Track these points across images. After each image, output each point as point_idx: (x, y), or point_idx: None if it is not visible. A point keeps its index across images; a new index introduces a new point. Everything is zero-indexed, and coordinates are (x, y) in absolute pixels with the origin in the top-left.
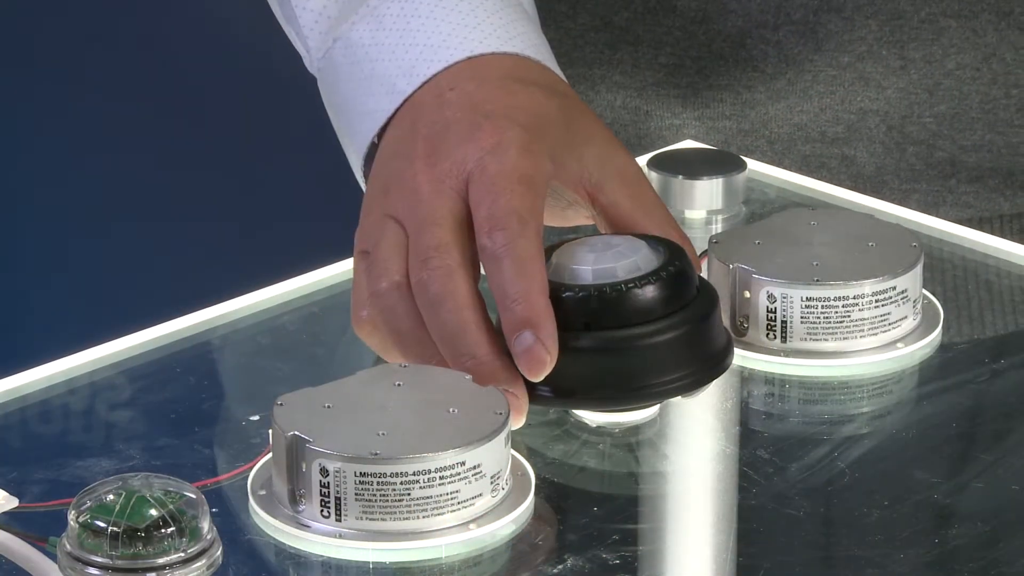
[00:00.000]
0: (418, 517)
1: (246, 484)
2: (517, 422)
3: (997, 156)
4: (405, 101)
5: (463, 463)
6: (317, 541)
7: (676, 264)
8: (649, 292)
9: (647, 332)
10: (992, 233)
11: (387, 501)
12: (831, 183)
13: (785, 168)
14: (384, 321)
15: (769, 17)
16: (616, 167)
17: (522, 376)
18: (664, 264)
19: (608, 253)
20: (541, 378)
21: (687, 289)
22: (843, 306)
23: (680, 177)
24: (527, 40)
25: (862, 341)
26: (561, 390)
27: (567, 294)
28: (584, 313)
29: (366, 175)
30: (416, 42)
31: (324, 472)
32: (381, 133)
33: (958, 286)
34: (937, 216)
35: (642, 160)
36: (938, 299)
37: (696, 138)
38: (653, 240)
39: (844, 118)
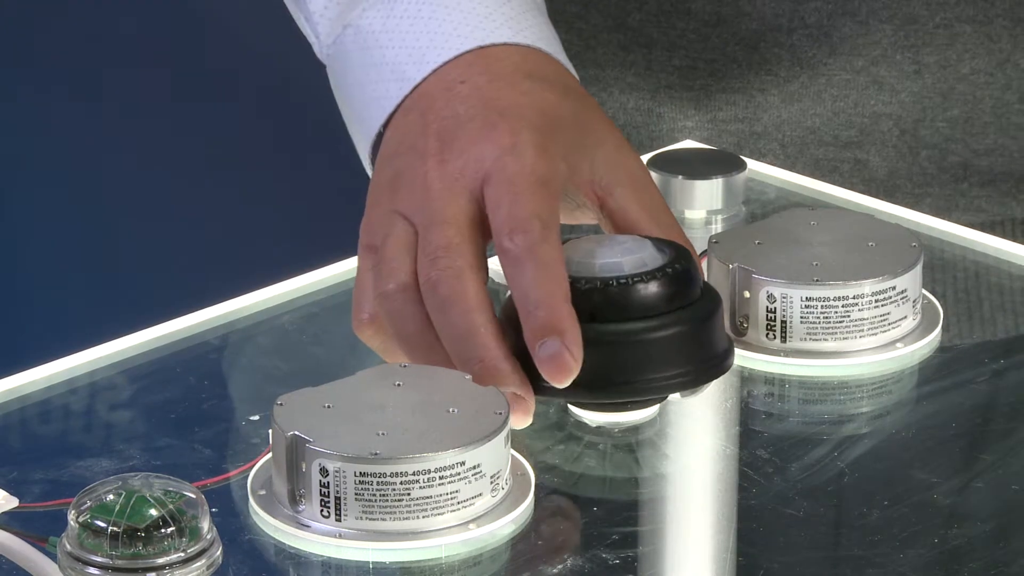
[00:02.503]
0: (418, 517)
1: (246, 484)
2: (523, 422)
3: (1010, 160)
4: (414, 89)
5: (463, 463)
6: (317, 541)
7: (681, 263)
8: (654, 287)
9: (650, 327)
10: (1004, 238)
11: (387, 501)
12: (843, 187)
13: (797, 172)
14: (391, 324)
15: (783, 20)
16: (626, 171)
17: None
18: (670, 262)
19: (615, 249)
20: (567, 384)
21: (691, 288)
22: (843, 306)
23: (680, 177)
24: (538, 32)
25: (862, 341)
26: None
27: (572, 286)
28: (589, 305)
29: (374, 162)
30: (427, 29)
31: (324, 472)
32: (388, 121)
33: (958, 286)
34: (949, 220)
35: (643, 159)
36: (938, 299)
37: (708, 141)
38: (659, 241)
39: (857, 122)
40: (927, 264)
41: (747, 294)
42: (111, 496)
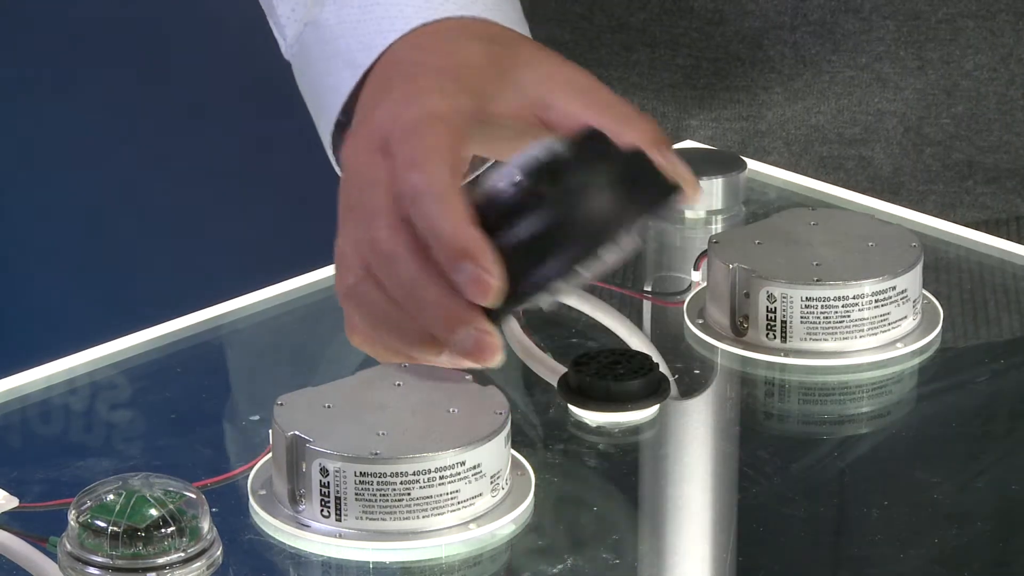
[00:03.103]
0: (418, 517)
1: (246, 484)
2: (494, 358)
3: (1015, 157)
4: (366, 75)
5: (463, 463)
6: (317, 541)
7: (583, 137)
8: (568, 160)
9: (575, 188)
10: (1009, 235)
11: (387, 501)
12: (848, 184)
13: (802, 169)
14: (361, 316)
15: (786, 18)
16: (564, 80)
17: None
18: (570, 143)
19: (522, 154)
20: (492, 302)
21: (601, 152)
22: (843, 306)
23: None
24: (488, 4)
25: (862, 341)
26: (523, 283)
27: (491, 195)
28: (511, 205)
29: (335, 152)
30: (375, 16)
31: (324, 472)
32: (349, 110)
33: (958, 286)
34: (954, 217)
35: None
36: (938, 299)
37: (713, 139)
38: (571, 134)
39: (861, 119)
40: (927, 264)
41: (747, 294)
42: (111, 496)
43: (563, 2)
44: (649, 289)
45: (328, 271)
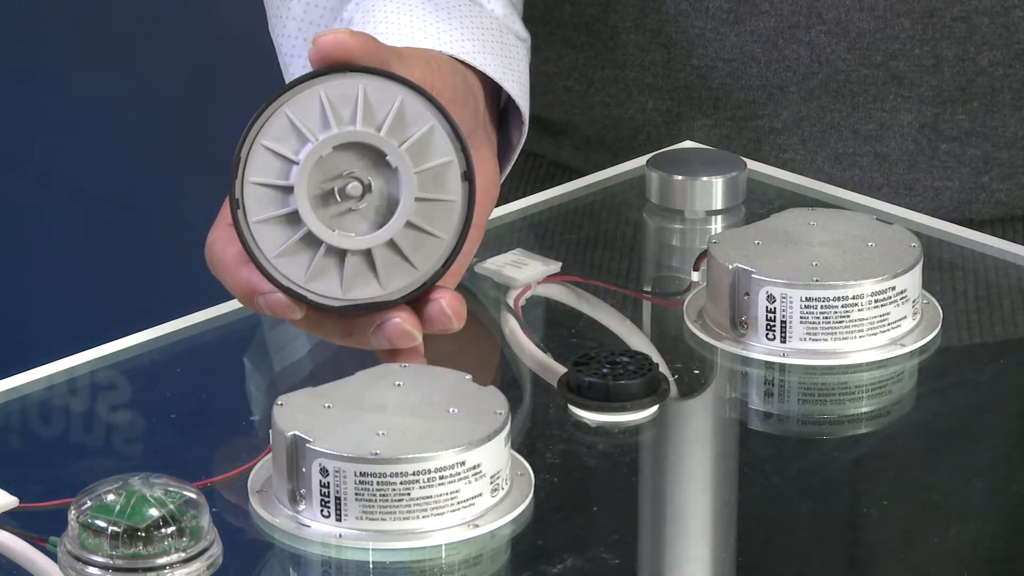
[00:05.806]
0: (418, 517)
1: (246, 484)
2: (293, 314)
3: None
4: None
5: (463, 463)
6: (317, 541)
7: None
8: None
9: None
10: None
11: (387, 501)
12: (863, 180)
13: (817, 166)
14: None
15: (801, 17)
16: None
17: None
18: None
19: None
20: (293, 315)
21: None
22: (842, 306)
23: (680, 177)
24: (442, 38)
25: (861, 341)
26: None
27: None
28: None
29: None
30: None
31: (324, 472)
32: None
33: (958, 286)
34: (970, 213)
35: (642, 160)
36: (938, 299)
37: (728, 138)
38: None
39: (876, 116)
40: (927, 264)
41: (747, 294)
42: (111, 496)
43: (578, 4)
44: (649, 289)
45: None
